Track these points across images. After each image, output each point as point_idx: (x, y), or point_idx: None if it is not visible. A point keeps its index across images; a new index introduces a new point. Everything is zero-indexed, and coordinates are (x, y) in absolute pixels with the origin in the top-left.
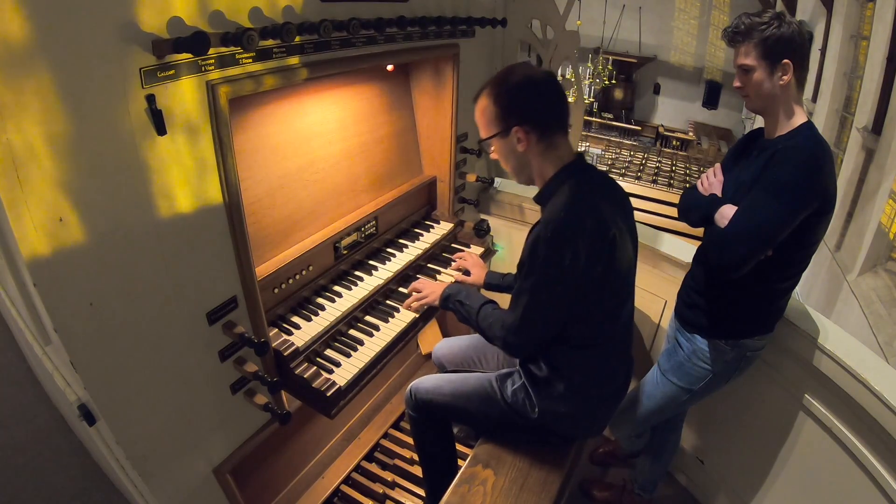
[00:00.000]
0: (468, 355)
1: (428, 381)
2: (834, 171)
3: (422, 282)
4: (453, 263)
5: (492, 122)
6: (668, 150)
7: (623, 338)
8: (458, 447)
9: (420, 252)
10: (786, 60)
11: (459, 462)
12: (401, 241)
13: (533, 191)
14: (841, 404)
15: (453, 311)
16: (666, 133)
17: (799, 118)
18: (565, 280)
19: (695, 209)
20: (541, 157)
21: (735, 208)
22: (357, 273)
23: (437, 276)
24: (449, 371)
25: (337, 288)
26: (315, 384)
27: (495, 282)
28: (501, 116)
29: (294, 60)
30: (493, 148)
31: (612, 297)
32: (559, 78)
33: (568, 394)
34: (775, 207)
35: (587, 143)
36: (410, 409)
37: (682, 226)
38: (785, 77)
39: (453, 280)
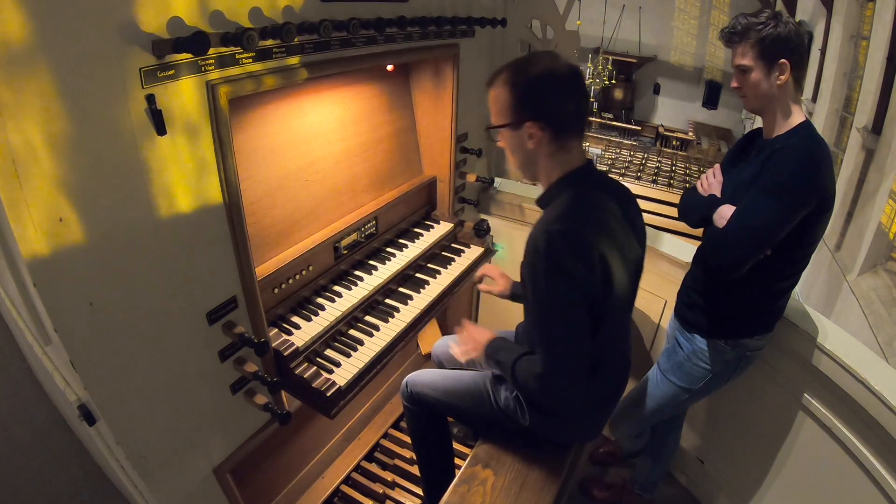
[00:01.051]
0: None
1: (423, 376)
2: (832, 170)
3: (468, 333)
4: (481, 273)
5: (504, 111)
6: (668, 150)
7: (622, 347)
8: (458, 447)
9: (420, 252)
10: (783, 60)
11: (459, 462)
12: (401, 240)
13: (534, 192)
14: (840, 404)
15: (494, 367)
16: (666, 133)
17: (797, 118)
18: (573, 291)
19: (694, 210)
20: (550, 158)
21: (733, 208)
22: (357, 273)
23: (437, 276)
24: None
25: (337, 288)
26: (315, 384)
27: (521, 291)
28: (516, 108)
29: (294, 60)
30: (500, 137)
31: (612, 311)
32: None
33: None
34: (773, 207)
35: (587, 143)
36: (405, 399)
37: (681, 226)
38: (782, 77)
39: (492, 335)
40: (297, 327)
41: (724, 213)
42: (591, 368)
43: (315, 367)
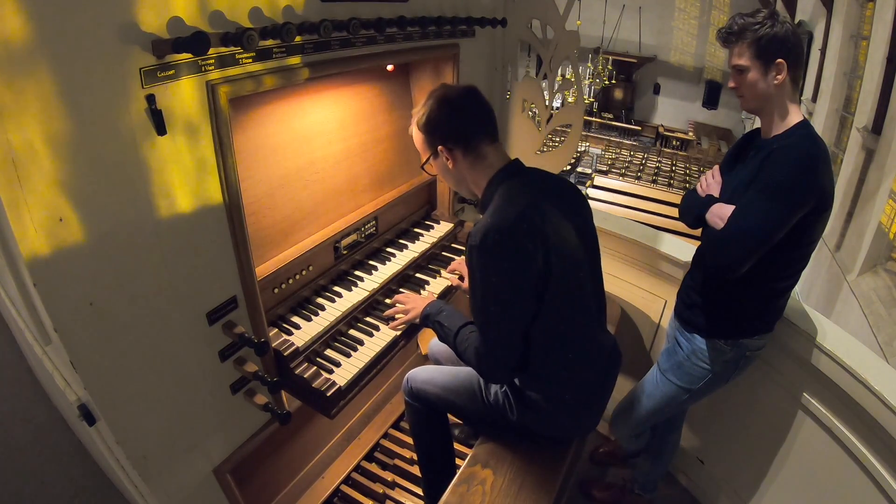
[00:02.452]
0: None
1: (423, 372)
2: (830, 170)
3: (406, 295)
4: (448, 267)
5: (423, 148)
6: (668, 150)
7: (586, 328)
8: (459, 447)
9: (420, 252)
10: (779, 60)
11: (459, 462)
12: (401, 241)
13: None
14: (840, 404)
15: (433, 329)
16: (666, 133)
17: (794, 117)
18: (509, 283)
19: (690, 210)
20: (471, 170)
21: (728, 207)
22: (357, 273)
23: (437, 276)
24: (422, 397)
25: (337, 288)
26: (315, 384)
27: None
28: (428, 141)
29: (294, 60)
30: (432, 171)
31: (564, 291)
32: (559, 78)
33: (542, 398)
34: (771, 208)
35: (587, 143)
36: (407, 395)
37: (681, 226)
38: (779, 77)
39: (436, 296)
40: (297, 327)
41: (718, 211)
42: (551, 349)
43: (315, 367)
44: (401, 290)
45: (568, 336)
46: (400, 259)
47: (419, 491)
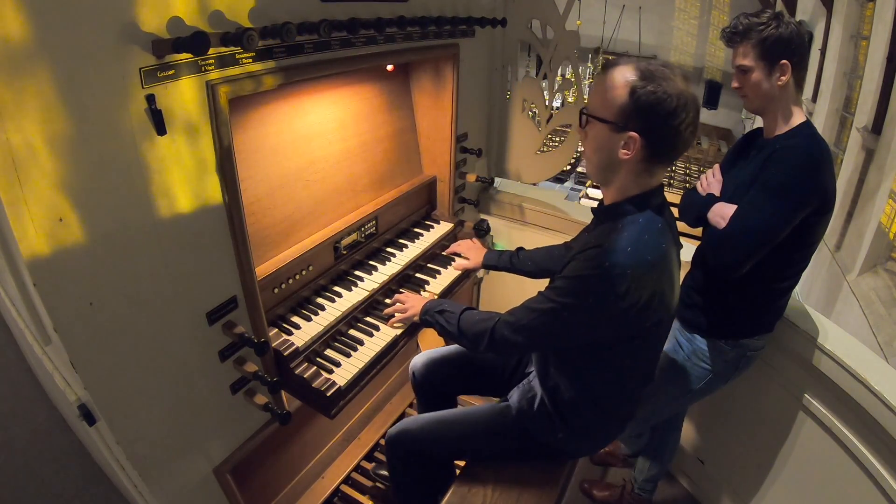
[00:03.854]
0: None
1: (412, 424)
2: (833, 171)
3: (405, 295)
4: (450, 251)
5: (612, 109)
6: None
7: (650, 367)
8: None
9: (420, 252)
10: (784, 61)
11: (458, 462)
12: (401, 240)
13: (534, 192)
14: (841, 404)
15: (433, 324)
16: None
17: (797, 118)
18: (599, 315)
19: (691, 209)
20: (632, 175)
21: (730, 206)
22: (357, 273)
23: (437, 276)
24: (427, 386)
25: (337, 288)
26: (315, 384)
27: (492, 262)
28: (627, 113)
29: (294, 60)
30: (588, 128)
31: (653, 338)
32: (559, 78)
33: (593, 420)
34: (773, 208)
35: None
36: (396, 457)
37: (681, 226)
38: (783, 77)
39: (434, 296)
40: (297, 327)
41: (719, 211)
42: (617, 380)
43: (315, 367)
44: (401, 290)
45: (642, 378)
46: (400, 259)
47: None
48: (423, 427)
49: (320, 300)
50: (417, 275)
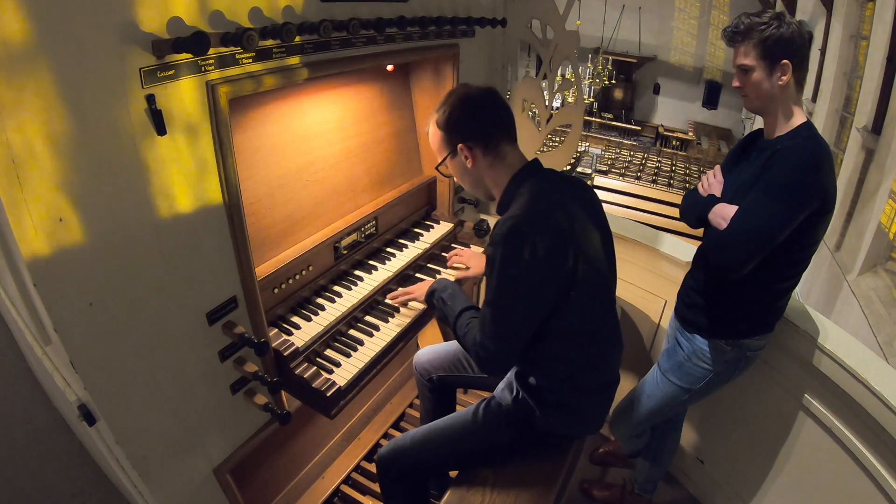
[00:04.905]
0: (457, 358)
1: (404, 443)
2: (833, 171)
3: (414, 286)
4: (450, 262)
5: (441, 147)
6: (668, 150)
7: (607, 323)
8: None
9: (420, 252)
10: (785, 61)
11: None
12: (401, 241)
13: None
14: (841, 404)
15: (436, 307)
16: (666, 133)
17: (798, 118)
18: (528, 279)
19: (692, 210)
20: (491, 170)
21: (731, 207)
22: (357, 273)
23: (437, 276)
24: (435, 378)
25: (337, 288)
26: (315, 384)
27: None
28: (446, 139)
29: (294, 60)
30: (448, 171)
31: (583, 286)
32: (559, 78)
33: (566, 397)
34: (774, 209)
35: (587, 143)
36: (390, 479)
37: (681, 226)
38: (784, 77)
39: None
40: (297, 327)
41: (721, 211)
42: (576, 350)
43: (315, 367)
44: (401, 289)
45: (592, 338)
46: (400, 259)
47: None
48: (415, 441)
49: (320, 300)
50: (417, 275)
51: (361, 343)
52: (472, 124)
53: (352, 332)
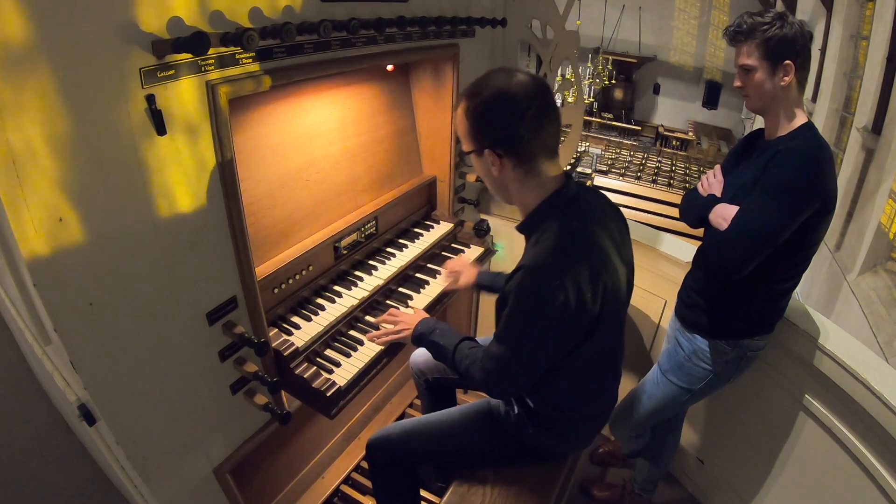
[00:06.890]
0: None
1: (393, 432)
2: (834, 172)
3: (396, 313)
4: (443, 271)
5: (466, 138)
6: (668, 150)
7: (615, 357)
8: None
9: (420, 252)
10: (787, 61)
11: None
12: (401, 240)
13: None
14: (841, 404)
15: (427, 349)
16: (666, 133)
17: (799, 119)
18: (552, 330)
19: (692, 209)
20: (519, 184)
21: (731, 207)
22: (357, 273)
23: (437, 276)
24: (431, 379)
25: (337, 288)
26: (315, 384)
27: (487, 282)
28: (473, 135)
29: (294, 60)
30: (472, 162)
31: (605, 333)
32: (559, 78)
33: (562, 419)
34: (775, 209)
35: (587, 143)
36: (376, 465)
37: (681, 226)
38: (786, 78)
39: (426, 314)
40: (297, 327)
41: (721, 212)
42: (581, 381)
43: (315, 367)
44: (400, 289)
45: (600, 372)
46: (400, 259)
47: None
48: (405, 431)
49: (320, 300)
50: (417, 275)
51: (361, 343)
52: (506, 130)
53: (352, 332)
